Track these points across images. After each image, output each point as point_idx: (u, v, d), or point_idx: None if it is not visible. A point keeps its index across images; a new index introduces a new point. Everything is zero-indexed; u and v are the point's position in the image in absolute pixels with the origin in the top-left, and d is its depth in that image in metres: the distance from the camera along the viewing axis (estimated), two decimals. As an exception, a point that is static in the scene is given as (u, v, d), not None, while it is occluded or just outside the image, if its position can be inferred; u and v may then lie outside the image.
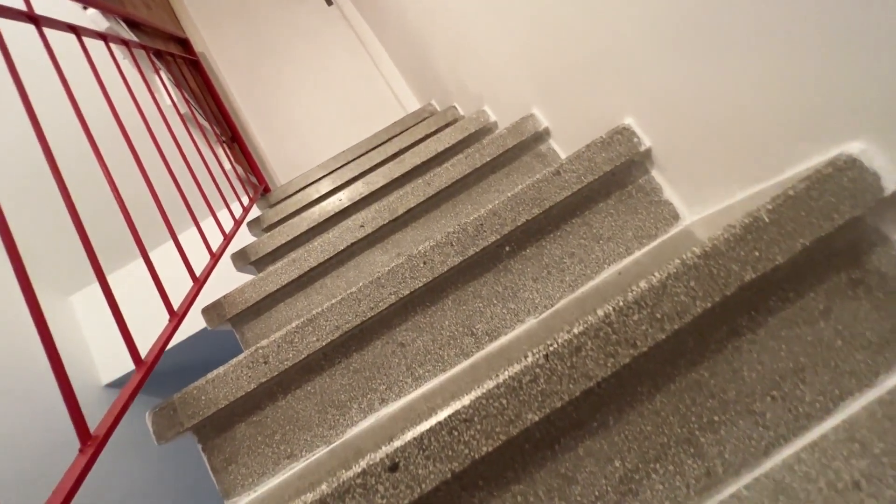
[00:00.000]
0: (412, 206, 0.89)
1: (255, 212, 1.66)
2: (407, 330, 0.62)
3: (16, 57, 0.70)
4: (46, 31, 0.84)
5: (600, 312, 0.35)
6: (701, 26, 0.45)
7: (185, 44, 1.90)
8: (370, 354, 0.62)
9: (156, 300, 0.75)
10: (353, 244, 0.89)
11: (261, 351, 0.59)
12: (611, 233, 0.63)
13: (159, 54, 1.49)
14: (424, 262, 0.61)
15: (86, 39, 1.00)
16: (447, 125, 1.44)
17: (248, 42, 2.15)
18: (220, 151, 1.64)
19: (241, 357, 0.60)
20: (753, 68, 0.41)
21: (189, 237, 1.62)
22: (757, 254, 0.35)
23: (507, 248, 0.64)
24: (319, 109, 2.08)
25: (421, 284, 0.60)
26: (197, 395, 0.59)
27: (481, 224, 0.61)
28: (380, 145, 1.67)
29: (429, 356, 0.61)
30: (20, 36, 0.86)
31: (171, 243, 0.96)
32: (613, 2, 0.54)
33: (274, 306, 0.89)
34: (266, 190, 1.72)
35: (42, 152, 0.68)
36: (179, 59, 1.68)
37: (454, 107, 1.44)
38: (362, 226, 0.88)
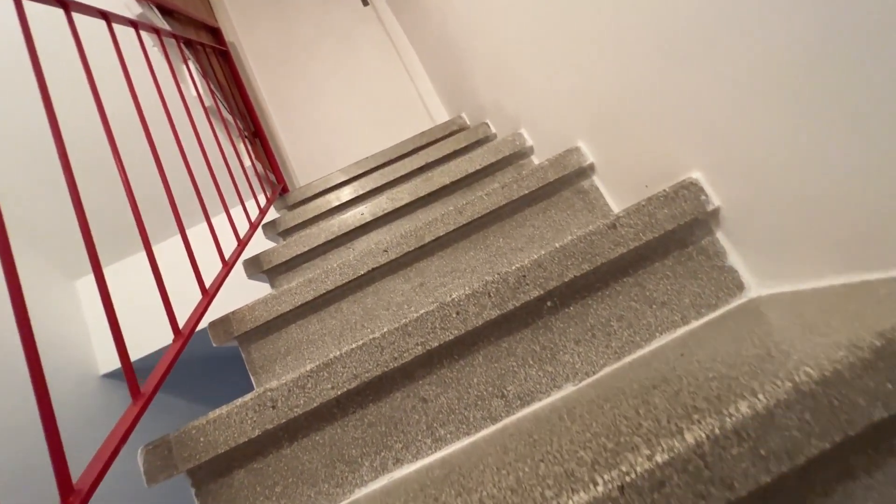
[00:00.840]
0: (441, 234, 0.83)
1: (271, 213, 1.62)
2: (431, 384, 0.56)
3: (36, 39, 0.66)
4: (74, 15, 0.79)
5: (691, 439, 0.29)
6: (812, 78, 0.38)
7: (215, 33, 1.86)
8: (388, 407, 0.56)
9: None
10: (374, 269, 0.83)
11: (269, 394, 0.54)
12: (666, 297, 0.57)
13: (189, 43, 1.46)
14: (457, 313, 0.55)
15: (115, 26, 0.96)
16: (478, 142, 1.39)
17: (280, 35, 2.12)
18: (241, 147, 1.60)
19: (247, 398, 0.54)
20: (883, 136, 0.35)
21: (201, 233, 1.58)
22: (890, 386, 0.28)
23: (549, 304, 0.57)
24: (345, 110, 2.03)
25: (452, 337, 0.54)
26: (196, 435, 0.53)
27: (524, 276, 0.55)
28: (406, 155, 1.62)
29: (452, 416, 0.55)
30: (43, 14, 0.82)
31: (180, 237, 0.91)
32: (696, 36, 0.48)
33: (284, 327, 0.84)
34: (284, 190, 1.67)
35: (52, 136, 0.63)
36: (209, 49, 1.65)
37: (486, 123, 1.39)
38: (386, 251, 0.83)
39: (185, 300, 1.57)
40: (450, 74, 1.65)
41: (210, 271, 1.42)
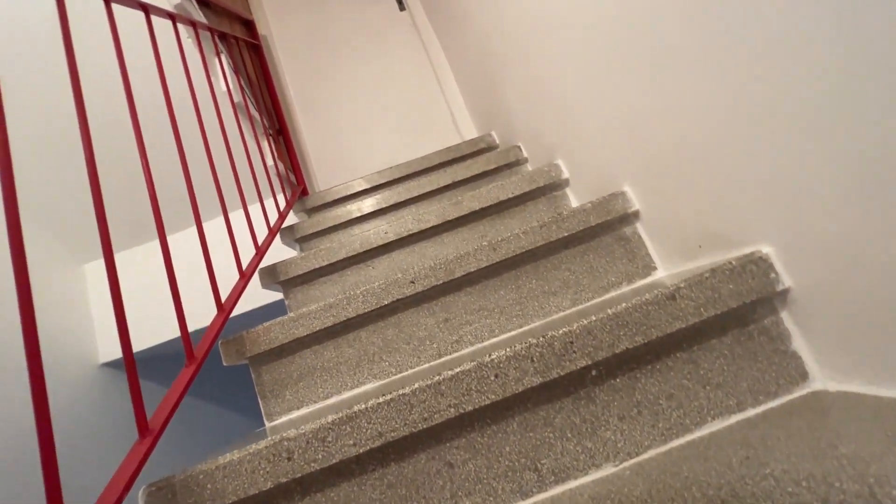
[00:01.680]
0: (472, 270, 0.79)
1: (289, 217, 1.58)
2: (459, 448, 0.52)
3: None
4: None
5: None
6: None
7: (249, 25, 1.83)
8: (411, 469, 0.52)
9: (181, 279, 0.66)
10: (398, 300, 0.79)
11: (286, 444, 0.50)
12: (721, 378, 0.53)
13: (223, 36, 1.43)
14: (496, 376, 0.51)
15: (153, 17, 0.93)
16: (508, 165, 1.35)
17: (313, 31, 2.09)
18: (264, 145, 1.57)
19: (260, 446, 0.50)
20: None
21: (216, 228, 1.55)
22: None
23: (594, 373, 0.53)
24: (371, 114, 2.00)
25: (488, 402, 0.50)
26: (203, 481, 0.49)
27: (571, 342, 0.51)
28: (432, 169, 1.58)
29: (479, 485, 0.51)
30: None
31: (196, 231, 0.87)
32: (778, 87, 0.44)
33: (299, 350, 0.80)
34: (304, 192, 1.64)
35: (77, 117, 0.60)
36: (241, 42, 1.62)
37: (519, 147, 1.35)
38: (413, 282, 0.79)
39: (196, 297, 1.54)
40: (483, 90, 1.62)
41: (224, 274, 1.38)
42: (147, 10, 0.89)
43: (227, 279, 1.48)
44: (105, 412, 1.45)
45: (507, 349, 0.51)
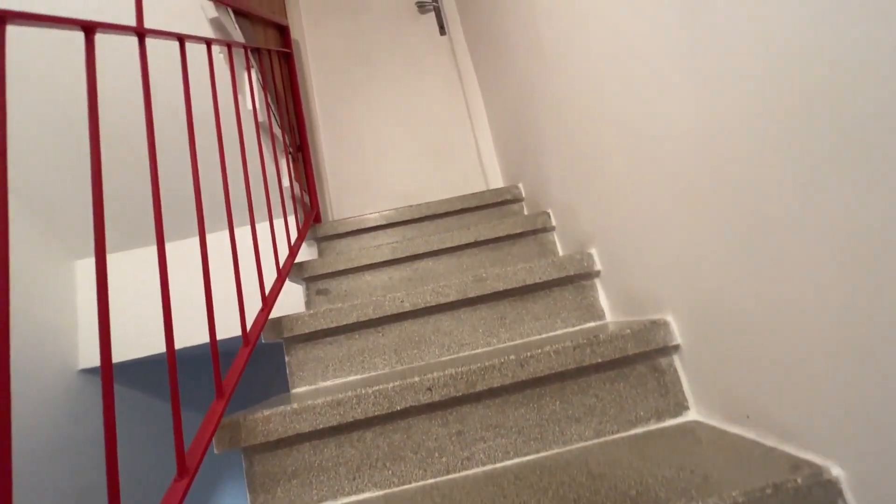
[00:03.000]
0: (495, 386, 0.73)
1: (301, 253, 1.51)
2: None
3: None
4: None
5: None
6: None
7: (283, 31, 1.75)
8: None
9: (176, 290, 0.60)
10: (412, 406, 0.73)
11: None
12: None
13: (256, 50, 1.35)
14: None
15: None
16: (534, 231, 1.29)
17: (347, 42, 2.01)
18: (282, 164, 1.50)
19: None
20: None
21: (220, 241, 1.48)
22: None
23: (629, 579, 0.48)
24: (396, 139, 1.93)
25: None
26: None
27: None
28: (453, 213, 1.52)
29: None
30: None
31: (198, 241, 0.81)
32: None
33: (297, 444, 0.74)
34: (317, 219, 1.57)
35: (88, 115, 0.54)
36: (273, 53, 1.54)
37: (548, 214, 1.29)
38: (430, 389, 0.73)
39: (188, 314, 1.47)
40: (516, 139, 1.55)
41: (223, 307, 1.32)
42: (182, 40, 0.82)
43: (225, 302, 1.42)
44: (77, 421, 1.39)
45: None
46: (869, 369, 0.42)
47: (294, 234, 1.57)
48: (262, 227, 1.57)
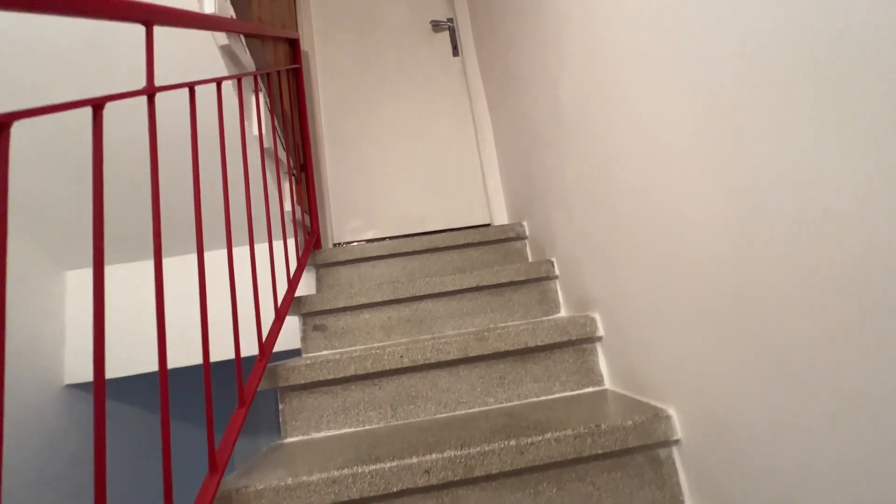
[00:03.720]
0: (494, 472, 0.72)
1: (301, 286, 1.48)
2: None
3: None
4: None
5: None
6: None
7: (293, 44, 1.71)
8: None
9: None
10: (409, 488, 0.72)
11: None
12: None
13: (265, 73, 1.31)
14: None
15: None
16: (538, 279, 1.28)
17: (357, 57, 1.96)
18: (285, 187, 1.47)
19: None
20: None
21: (218, 260, 1.44)
22: None
23: None
24: (401, 161, 1.90)
25: None
26: None
27: None
28: (456, 248, 1.50)
29: None
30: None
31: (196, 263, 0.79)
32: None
33: (288, 517, 0.73)
34: (317, 244, 1.54)
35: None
36: (282, 73, 1.50)
37: (552, 263, 1.28)
38: (427, 472, 0.72)
39: (183, 335, 1.44)
40: (523, 176, 1.53)
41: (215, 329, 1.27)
42: (192, 88, 0.79)
43: (218, 326, 1.40)
44: (60, 439, 1.36)
45: None
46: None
47: (293, 264, 1.54)
48: (261, 248, 1.54)
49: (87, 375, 1.42)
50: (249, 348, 1.42)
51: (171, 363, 1.43)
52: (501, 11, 1.53)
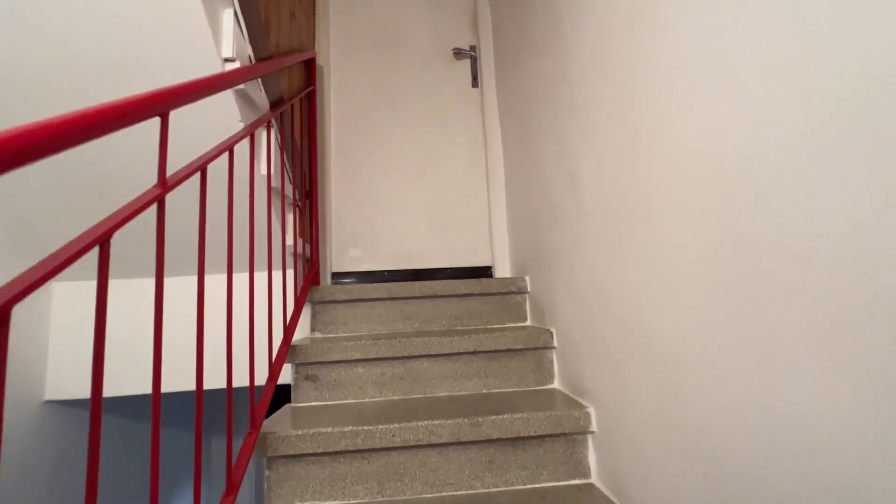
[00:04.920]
0: None
1: (299, 330, 1.45)
2: None
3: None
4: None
5: None
6: None
7: (309, 63, 1.64)
8: None
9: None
10: None
11: None
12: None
13: (279, 102, 1.27)
14: None
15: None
16: (535, 349, 1.28)
17: (374, 78, 1.89)
18: (289, 219, 1.43)
19: None
20: None
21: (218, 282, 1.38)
22: None
23: None
24: (407, 191, 1.85)
25: None
26: None
27: None
28: (455, 297, 1.49)
29: None
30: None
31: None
32: None
33: None
34: (315, 280, 1.52)
35: None
36: (295, 102, 1.44)
37: (550, 333, 1.28)
38: (412, 589, 0.72)
39: (176, 359, 1.42)
40: (533, 238, 1.51)
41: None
42: (204, 171, 0.75)
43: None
44: (38, 455, 1.34)
45: None
46: None
47: (290, 306, 1.51)
48: (260, 276, 1.51)
49: (70, 392, 1.39)
50: (241, 379, 1.40)
51: (170, 387, 1.42)
52: (530, 52, 1.48)
